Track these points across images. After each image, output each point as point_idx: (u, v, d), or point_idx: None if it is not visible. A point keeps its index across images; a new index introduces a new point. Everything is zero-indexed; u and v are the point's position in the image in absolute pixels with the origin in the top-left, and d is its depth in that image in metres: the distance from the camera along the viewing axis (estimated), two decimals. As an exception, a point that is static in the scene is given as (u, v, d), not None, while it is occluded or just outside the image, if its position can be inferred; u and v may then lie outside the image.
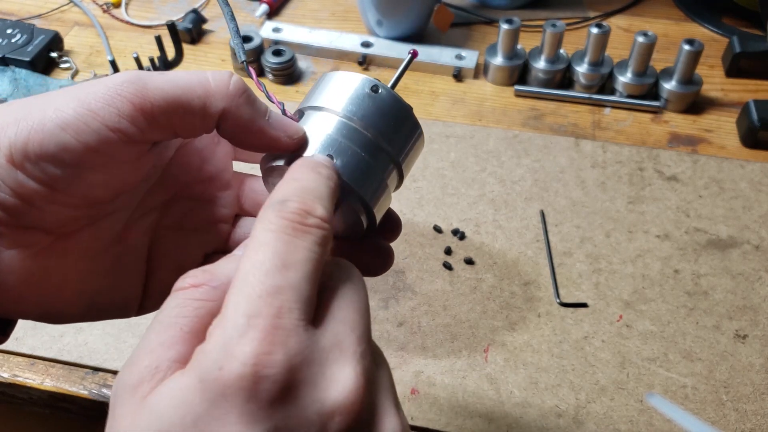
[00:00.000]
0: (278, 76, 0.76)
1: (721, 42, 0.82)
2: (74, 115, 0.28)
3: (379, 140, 0.32)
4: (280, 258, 0.25)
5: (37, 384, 0.52)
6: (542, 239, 0.61)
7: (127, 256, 0.34)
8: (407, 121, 0.33)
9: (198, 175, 0.36)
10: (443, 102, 0.75)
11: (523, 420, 0.50)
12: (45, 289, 0.31)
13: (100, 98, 0.28)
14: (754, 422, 0.50)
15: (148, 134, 0.29)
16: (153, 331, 0.26)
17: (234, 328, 0.24)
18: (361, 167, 0.32)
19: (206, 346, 0.25)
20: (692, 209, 0.64)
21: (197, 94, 0.29)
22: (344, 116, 0.32)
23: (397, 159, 0.34)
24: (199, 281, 0.27)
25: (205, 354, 0.24)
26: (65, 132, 0.28)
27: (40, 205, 0.29)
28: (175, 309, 0.26)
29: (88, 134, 0.28)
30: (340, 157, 0.31)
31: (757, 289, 0.58)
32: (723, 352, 0.54)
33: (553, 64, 0.75)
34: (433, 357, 0.53)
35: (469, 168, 0.67)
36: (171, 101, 0.29)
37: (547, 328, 0.55)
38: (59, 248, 0.31)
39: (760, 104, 0.69)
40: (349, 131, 0.32)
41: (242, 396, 0.23)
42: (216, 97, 0.30)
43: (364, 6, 0.78)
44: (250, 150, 0.33)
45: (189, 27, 0.82)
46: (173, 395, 0.24)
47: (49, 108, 0.28)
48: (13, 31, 0.79)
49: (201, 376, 0.24)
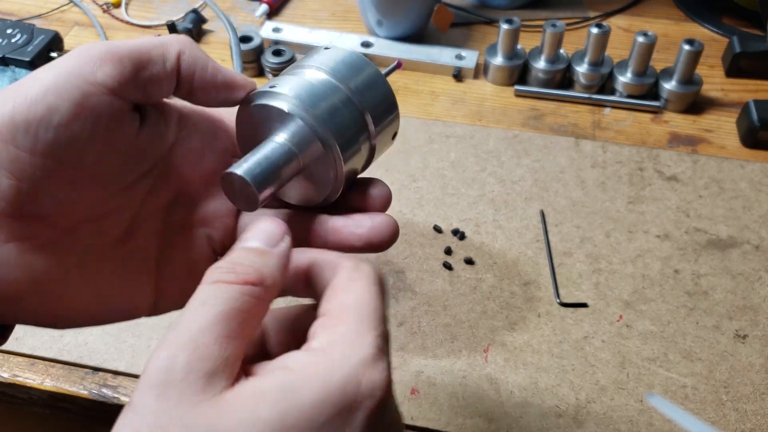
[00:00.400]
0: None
1: (721, 42, 0.82)
2: (54, 78, 0.29)
3: (350, 94, 0.34)
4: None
5: (37, 384, 0.52)
6: (542, 239, 0.61)
7: (133, 258, 0.34)
8: (388, 102, 0.36)
9: (197, 173, 0.36)
10: (443, 102, 0.75)
11: (523, 420, 0.50)
12: (46, 290, 0.30)
13: (73, 60, 0.29)
14: (754, 422, 0.50)
15: (123, 87, 0.30)
16: (206, 319, 0.26)
17: (370, 350, 0.26)
18: (328, 107, 0.33)
19: (334, 358, 0.26)
20: (692, 209, 0.64)
21: (154, 43, 0.31)
22: (317, 68, 0.34)
23: (367, 114, 0.35)
24: (252, 278, 0.27)
25: (334, 366, 0.25)
26: (49, 94, 0.28)
27: (38, 184, 0.28)
28: (232, 302, 0.26)
29: (69, 91, 0.28)
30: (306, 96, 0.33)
31: (757, 289, 0.58)
32: (723, 352, 0.54)
33: (553, 64, 0.75)
34: (433, 357, 0.53)
35: (469, 168, 0.67)
36: (134, 50, 0.30)
37: (547, 328, 0.55)
38: (61, 244, 0.30)
39: (760, 104, 0.69)
40: (320, 79, 0.34)
41: (368, 414, 0.25)
42: (170, 43, 0.32)
43: (364, 6, 0.78)
44: (209, 102, 0.34)
45: (189, 27, 0.82)
46: (279, 397, 0.25)
47: (26, 81, 0.29)
48: (13, 31, 0.79)
49: (330, 387, 0.25)
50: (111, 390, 0.52)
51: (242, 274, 0.27)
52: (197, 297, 0.27)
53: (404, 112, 0.74)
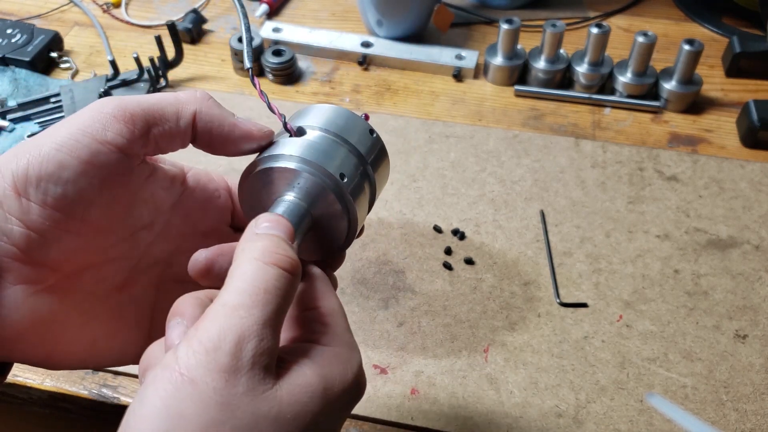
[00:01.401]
0: (278, 76, 0.76)
1: (721, 42, 0.82)
2: (66, 135, 0.30)
3: (348, 147, 0.36)
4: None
5: (37, 384, 0.52)
6: (542, 239, 0.61)
7: (129, 305, 0.35)
8: (381, 151, 0.38)
9: (198, 228, 0.38)
10: (443, 102, 0.75)
11: (523, 420, 0.50)
12: (46, 330, 0.32)
13: (86, 118, 0.31)
14: (754, 422, 0.50)
15: (133, 144, 0.32)
16: (268, 312, 0.28)
17: (359, 354, 0.32)
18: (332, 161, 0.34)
19: (343, 358, 0.31)
20: (692, 209, 0.64)
21: (169, 101, 0.33)
22: (325, 130, 0.36)
23: (369, 168, 0.37)
24: (293, 268, 0.30)
25: (347, 365, 0.31)
26: (60, 152, 0.30)
27: (47, 233, 0.30)
28: (285, 295, 0.29)
29: (80, 149, 0.30)
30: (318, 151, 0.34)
31: (757, 289, 0.58)
32: (723, 352, 0.54)
33: (553, 64, 0.75)
34: (433, 357, 0.53)
35: (469, 168, 0.67)
36: (147, 109, 0.32)
37: (547, 328, 0.55)
38: (63, 287, 0.32)
39: (760, 104, 0.69)
40: (329, 141, 0.36)
41: (347, 402, 0.31)
42: (187, 102, 0.33)
43: (364, 6, 0.78)
44: (226, 153, 0.35)
45: (189, 27, 0.82)
46: (320, 392, 0.29)
47: (42, 138, 0.30)
48: (13, 31, 0.79)
49: (348, 382, 0.30)
50: (111, 390, 0.52)
51: (288, 262, 0.30)
52: (259, 277, 0.28)
53: (404, 112, 0.74)
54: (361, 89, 0.76)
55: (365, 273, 0.59)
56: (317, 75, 0.78)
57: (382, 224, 0.62)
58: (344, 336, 0.32)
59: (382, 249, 0.61)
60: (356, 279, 0.58)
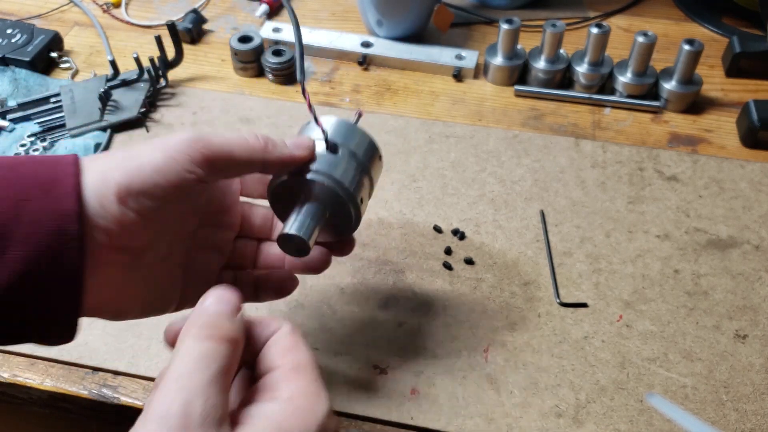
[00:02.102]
0: (278, 76, 0.76)
1: (721, 42, 0.82)
2: (162, 161, 0.38)
3: (350, 155, 0.45)
4: None
5: (37, 384, 0.52)
6: (542, 239, 0.61)
7: (171, 270, 0.44)
8: (377, 155, 0.48)
9: (220, 207, 0.48)
10: (443, 102, 0.75)
11: (523, 420, 0.50)
12: (120, 295, 0.41)
13: (179, 150, 0.39)
14: (754, 422, 0.50)
15: (211, 176, 0.40)
16: (211, 373, 0.32)
17: (328, 403, 0.34)
18: (352, 176, 0.45)
19: (305, 409, 0.33)
20: (692, 209, 0.64)
21: (242, 149, 0.41)
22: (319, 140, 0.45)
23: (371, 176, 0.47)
24: (235, 338, 0.34)
25: (308, 417, 0.33)
26: (157, 174, 0.38)
27: (132, 229, 0.38)
28: (226, 359, 0.33)
29: (172, 175, 0.39)
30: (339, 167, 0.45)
31: (757, 289, 0.58)
32: (723, 352, 0.54)
33: (553, 64, 0.75)
34: (433, 357, 0.53)
35: (469, 168, 0.67)
36: (226, 153, 0.40)
37: (547, 328, 0.55)
38: (134, 264, 0.40)
39: (760, 104, 0.69)
40: (349, 155, 0.45)
41: None
42: (255, 151, 0.42)
43: (364, 6, 0.78)
44: (278, 174, 0.44)
45: (189, 27, 0.82)
46: None
47: (141, 157, 0.39)
48: (13, 31, 0.79)
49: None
50: (111, 390, 0.52)
51: (225, 336, 0.34)
52: (196, 350, 0.33)
53: (404, 113, 0.74)
54: (361, 89, 0.76)
55: (365, 273, 0.59)
56: (317, 75, 0.78)
57: (382, 224, 0.62)
58: (309, 387, 0.34)
59: (382, 249, 0.61)
60: (356, 279, 0.58)
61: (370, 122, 0.71)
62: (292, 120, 0.72)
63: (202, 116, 0.73)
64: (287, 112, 0.73)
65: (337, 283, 0.58)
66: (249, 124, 0.71)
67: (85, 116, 0.71)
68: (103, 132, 0.70)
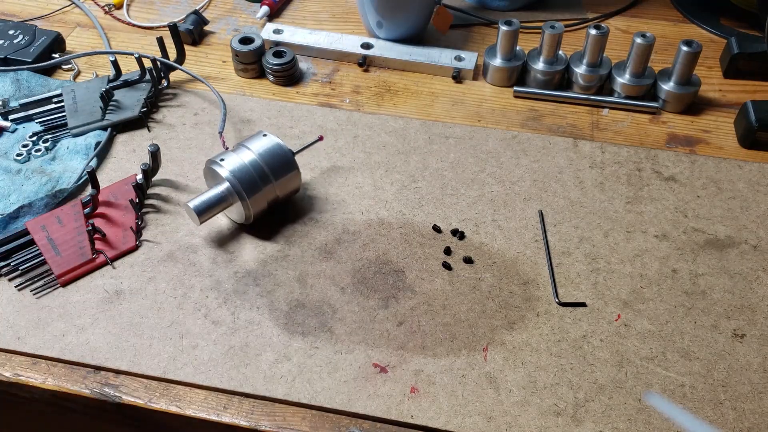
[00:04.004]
0: (279, 78, 0.77)
1: (719, 43, 0.82)
2: None
3: (262, 165, 0.60)
4: None
5: (39, 383, 0.53)
6: (541, 239, 0.62)
7: None
8: (290, 164, 0.62)
9: None
10: (443, 103, 0.76)
11: (522, 418, 0.50)
12: None
13: None
14: (752, 421, 0.50)
15: None
16: None
17: None
18: (251, 180, 0.60)
19: None
20: (690, 209, 0.64)
21: None
22: (249, 150, 0.61)
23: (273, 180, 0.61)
24: None
25: None
26: None
27: None
28: None
29: None
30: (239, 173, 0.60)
31: (754, 288, 0.58)
32: (721, 351, 0.54)
33: (552, 65, 0.75)
34: (432, 356, 0.54)
35: (469, 168, 0.68)
36: None
37: (545, 328, 0.56)
38: None
39: (757, 105, 0.70)
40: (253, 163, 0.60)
41: None
42: None
43: (364, 8, 0.79)
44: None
45: (190, 28, 0.82)
46: None
47: None
48: (15, 32, 0.79)
49: None
50: (113, 389, 0.52)
51: None
52: None
53: (404, 113, 0.74)
54: (361, 90, 0.77)
55: (365, 273, 0.59)
56: (318, 76, 0.79)
57: (382, 224, 0.63)
58: None
59: (382, 249, 0.61)
60: (356, 279, 0.59)
61: (370, 123, 0.72)
62: (292, 121, 0.72)
63: (204, 117, 0.73)
64: (288, 113, 0.73)
65: (337, 283, 0.58)
66: (250, 124, 0.72)
67: (86, 116, 0.71)
68: (104, 131, 0.71)
